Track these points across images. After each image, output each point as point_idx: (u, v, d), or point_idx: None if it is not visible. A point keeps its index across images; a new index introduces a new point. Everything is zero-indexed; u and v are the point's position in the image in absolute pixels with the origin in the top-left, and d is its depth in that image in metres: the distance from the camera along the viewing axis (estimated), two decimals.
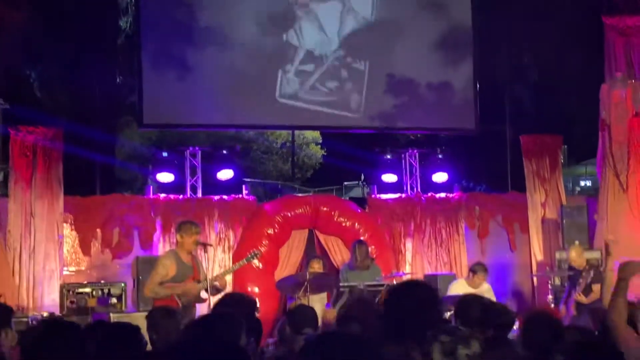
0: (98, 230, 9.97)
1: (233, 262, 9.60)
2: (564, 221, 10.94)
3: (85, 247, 9.88)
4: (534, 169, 11.42)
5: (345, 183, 21.71)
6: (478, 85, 11.70)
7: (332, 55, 11.30)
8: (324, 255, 10.30)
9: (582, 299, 8.61)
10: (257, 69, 11.06)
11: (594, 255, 10.12)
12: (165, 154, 10.62)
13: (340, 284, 8.45)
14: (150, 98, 10.61)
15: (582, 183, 22.90)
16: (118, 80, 13.61)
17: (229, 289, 9.68)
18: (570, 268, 9.12)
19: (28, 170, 9.62)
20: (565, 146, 18.25)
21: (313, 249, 10.46)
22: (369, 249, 9.38)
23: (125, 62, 11.18)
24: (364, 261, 8.93)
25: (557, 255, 10.57)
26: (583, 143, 15.81)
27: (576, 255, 9.00)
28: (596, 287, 8.79)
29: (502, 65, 12.46)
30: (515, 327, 5.21)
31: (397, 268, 10.47)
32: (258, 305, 4.85)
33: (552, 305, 9.53)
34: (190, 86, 10.75)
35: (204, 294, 6.83)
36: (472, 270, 8.96)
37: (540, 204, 11.34)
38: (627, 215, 10.52)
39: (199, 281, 6.81)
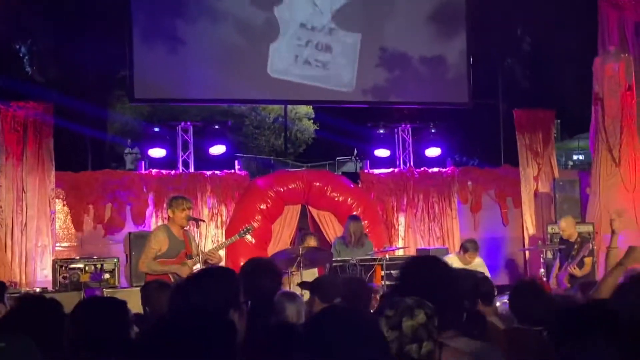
0: (90, 206, 9.94)
1: (226, 238, 9.59)
2: (557, 195, 10.97)
3: (77, 222, 9.85)
4: (526, 143, 11.42)
5: (338, 158, 21.73)
6: (471, 59, 11.64)
7: (323, 28, 11.21)
8: (317, 231, 10.31)
9: (576, 272, 8.65)
10: (249, 43, 10.98)
11: (586, 228, 10.16)
12: (156, 129, 10.54)
13: (333, 259, 8.44)
14: (141, 72, 10.52)
15: (575, 157, 23.00)
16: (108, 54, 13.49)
17: (222, 264, 9.72)
18: (562, 241, 9.15)
19: (19, 146, 9.55)
20: (559, 120, 18.29)
21: (306, 224, 10.46)
22: (363, 224, 9.36)
23: (117, 36, 11.06)
24: (358, 238, 8.88)
25: (549, 228, 10.60)
26: (576, 117, 15.82)
27: (566, 225, 9.02)
28: (588, 260, 8.84)
29: (495, 39, 12.39)
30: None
31: (389, 242, 10.49)
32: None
33: (544, 279, 9.57)
34: (181, 60, 10.67)
35: (196, 269, 6.81)
36: (463, 248, 8.96)
37: (532, 178, 11.36)
38: (619, 188, 10.55)
39: (191, 256, 6.80)
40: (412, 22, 11.45)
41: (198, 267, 6.78)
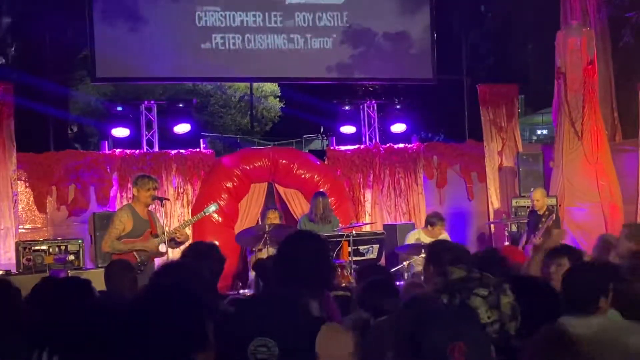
0: (53, 187, 9.81)
1: (192, 216, 9.53)
2: (520, 169, 11.06)
3: (40, 204, 9.71)
4: (490, 118, 11.50)
5: (305, 136, 21.69)
6: (435, 35, 11.66)
7: (287, 4, 11.14)
8: (284, 208, 10.30)
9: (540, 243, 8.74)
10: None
11: (550, 201, 10.27)
12: (119, 109, 10.40)
13: None
14: (103, 51, 10.38)
15: (539, 132, 23.23)
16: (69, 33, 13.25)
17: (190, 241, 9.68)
18: (532, 212, 9.24)
19: None
20: (522, 96, 18.42)
21: (273, 202, 10.45)
22: (329, 201, 9.37)
23: (78, 15, 10.87)
24: (325, 214, 8.90)
25: (514, 202, 10.72)
26: (540, 92, 15.96)
27: (540, 196, 9.13)
28: (556, 232, 8.96)
29: (459, 14, 12.42)
30: None
31: (356, 219, 10.53)
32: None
33: None
34: (144, 38, 10.54)
35: (162, 248, 6.77)
36: (430, 222, 8.99)
37: (497, 153, 11.46)
38: (581, 161, 10.68)
39: (156, 235, 6.74)
40: None
41: (163, 247, 6.73)
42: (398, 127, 11.36)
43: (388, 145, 11.29)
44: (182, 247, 9.61)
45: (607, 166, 10.65)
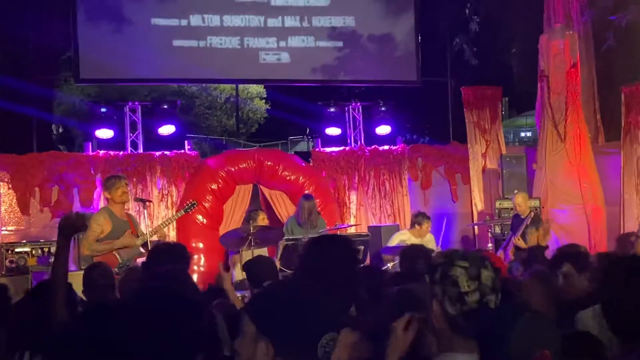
0: (36, 188, 9.76)
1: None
2: (504, 171, 11.12)
3: (23, 206, 9.66)
4: (474, 120, 11.56)
5: (291, 137, 21.70)
6: (420, 37, 11.70)
7: (272, 6, 11.15)
8: (269, 210, 10.29)
9: (521, 243, 8.81)
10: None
11: (533, 203, 10.34)
12: (104, 110, 10.36)
13: (285, 237, 8.43)
14: (87, 52, 10.35)
15: (523, 134, 23.36)
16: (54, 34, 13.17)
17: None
18: (515, 216, 9.29)
19: None
20: (506, 98, 18.53)
21: (258, 204, 10.43)
22: (316, 203, 9.35)
23: (62, 15, 10.82)
24: (312, 218, 8.86)
25: (497, 204, 10.78)
26: (524, 95, 16.06)
27: (522, 200, 9.18)
28: (534, 233, 9.02)
29: (443, 16, 12.47)
30: None
31: (341, 220, 10.53)
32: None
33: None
34: (128, 39, 10.51)
35: (143, 249, 6.74)
36: (418, 222, 9.01)
37: (481, 155, 11.51)
38: (564, 164, 10.75)
39: (137, 235, 6.71)
40: (361, 0, 11.47)
41: (143, 248, 6.70)
42: (383, 129, 11.40)
43: (373, 147, 11.32)
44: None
45: (590, 168, 10.73)
